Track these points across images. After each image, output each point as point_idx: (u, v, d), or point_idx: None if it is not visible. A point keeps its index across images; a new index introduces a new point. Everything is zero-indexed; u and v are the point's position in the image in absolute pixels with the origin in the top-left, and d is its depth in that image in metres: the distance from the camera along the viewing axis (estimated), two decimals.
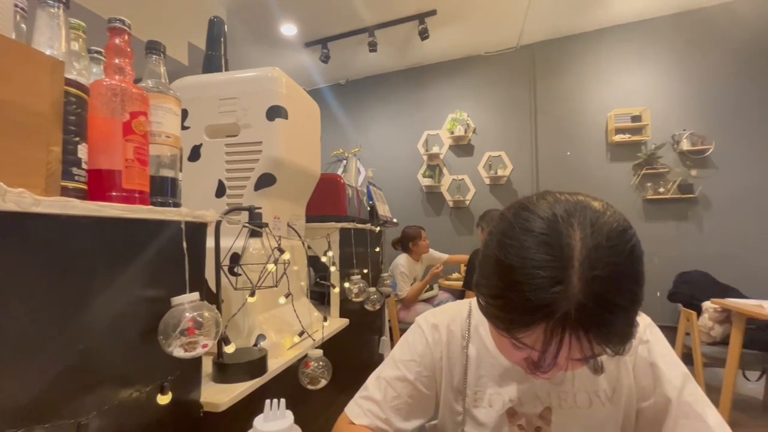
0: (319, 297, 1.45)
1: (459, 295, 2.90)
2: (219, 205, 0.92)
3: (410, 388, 0.61)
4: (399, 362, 0.63)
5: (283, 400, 0.47)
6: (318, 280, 1.38)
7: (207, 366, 0.74)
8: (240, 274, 0.78)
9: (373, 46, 3.17)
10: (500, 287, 0.41)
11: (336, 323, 1.14)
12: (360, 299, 1.24)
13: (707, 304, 2.23)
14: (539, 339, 0.39)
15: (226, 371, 0.71)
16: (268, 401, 0.46)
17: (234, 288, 0.77)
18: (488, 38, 3.35)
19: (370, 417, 0.59)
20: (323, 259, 1.08)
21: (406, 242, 2.80)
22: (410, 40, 3.27)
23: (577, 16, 3.04)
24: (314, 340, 0.93)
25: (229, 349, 0.69)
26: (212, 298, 0.74)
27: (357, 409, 0.61)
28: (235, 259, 0.80)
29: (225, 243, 0.78)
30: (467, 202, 3.47)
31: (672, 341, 2.44)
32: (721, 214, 2.81)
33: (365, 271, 1.47)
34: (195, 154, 0.97)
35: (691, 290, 2.47)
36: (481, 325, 0.62)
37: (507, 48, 3.44)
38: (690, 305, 2.37)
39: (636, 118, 2.98)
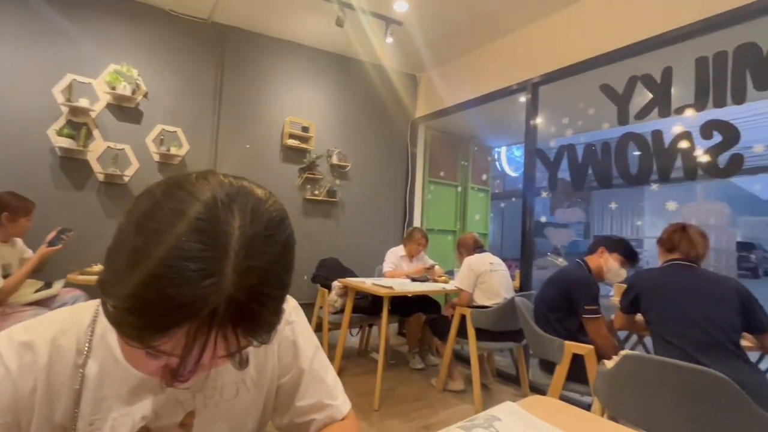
0: None
1: (96, 293, 2.29)
2: None
3: None
4: None
5: None
6: None
7: None
8: None
9: None
10: (135, 284, 0.32)
11: None
12: None
13: (335, 283, 2.92)
14: (180, 343, 0.34)
15: None
16: None
17: None
18: None
19: None
20: None
21: None
22: None
23: (270, 18, 3.20)
24: None
25: None
26: None
27: None
28: None
29: None
30: (126, 179, 2.85)
31: (310, 315, 2.98)
32: (350, 215, 3.79)
33: None
34: None
35: (327, 273, 3.16)
36: (111, 331, 0.49)
37: (197, 16, 3.13)
38: (325, 285, 3.03)
39: (305, 129, 3.50)
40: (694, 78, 2.09)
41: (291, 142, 3.42)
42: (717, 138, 2.01)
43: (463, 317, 2.50)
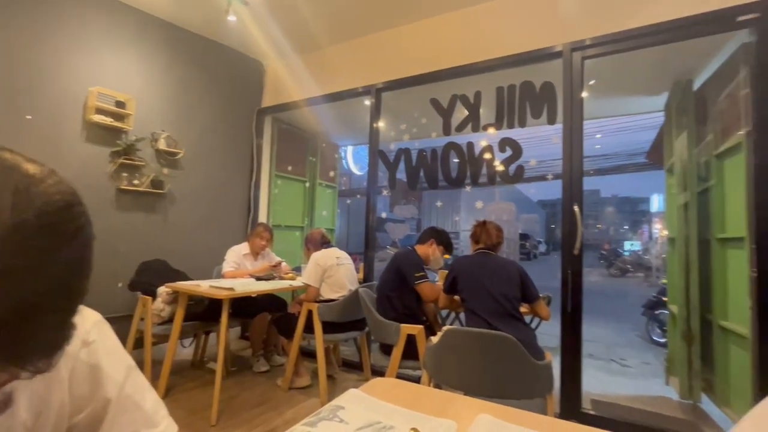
0: None
1: None
2: None
3: None
4: None
5: None
6: None
7: None
8: None
9: None
10: None
11: None
12: None
13: (161, 289, 2.51)
14: None
15: None
16: None
17: None
18: None
19: None
20: None
21: None
22: None
23: None
24: None
25: None
26: None
27: None
28: None
29: None
30: None
31: (127, 329, 2.47)
32: (182, 210, 3.31)
33: None
34: None
35: (150, 278, 2.68)
36: None
37: None
38: (148, 292, 2.57)
39: (120, 104, 2.88)
40: (495, 102, 2.62)
41: (99, 118, 2.75)
42: (509, 152, 2.58)
43: (310, 312, 2.50)
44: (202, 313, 2.62)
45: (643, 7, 2.23)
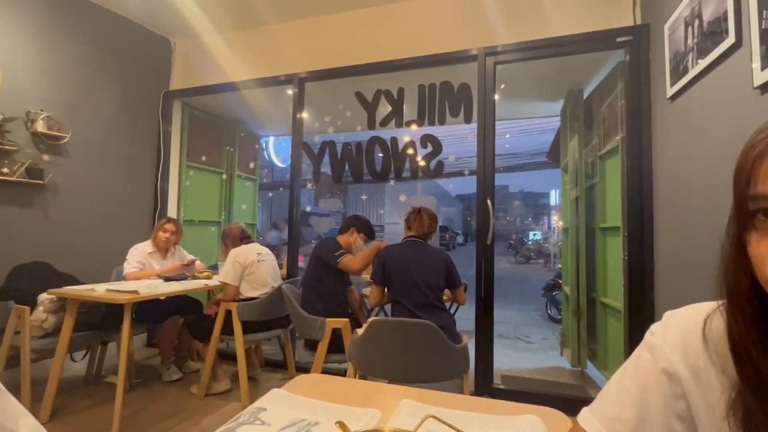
0: None
1: None
2: None
3: None
4: None
5: None
6: None
7: None
8: None
9: None
10: None
11: None
12: None
13: (43, 296, 2.15)
14: None
15: None
16: None
17: None
18: None
19: None
20: None
21: None
22: None
23: None
24: None
25: None
26: None
27: None
28: None
29: None
30: None
31: None
32: (69, 203, 2.85)
33: None
34: None
35: (27, 284, 2.27)
36: None
37: None
38: (24, 300, 2.17)
39: None
40: (417, 100, 2.71)
41: None
42: (430, 148, 2.69)
43: (228, 312, 2.35)
44: (99, 321, 2.30)
45: (551, 22, 2.48)
